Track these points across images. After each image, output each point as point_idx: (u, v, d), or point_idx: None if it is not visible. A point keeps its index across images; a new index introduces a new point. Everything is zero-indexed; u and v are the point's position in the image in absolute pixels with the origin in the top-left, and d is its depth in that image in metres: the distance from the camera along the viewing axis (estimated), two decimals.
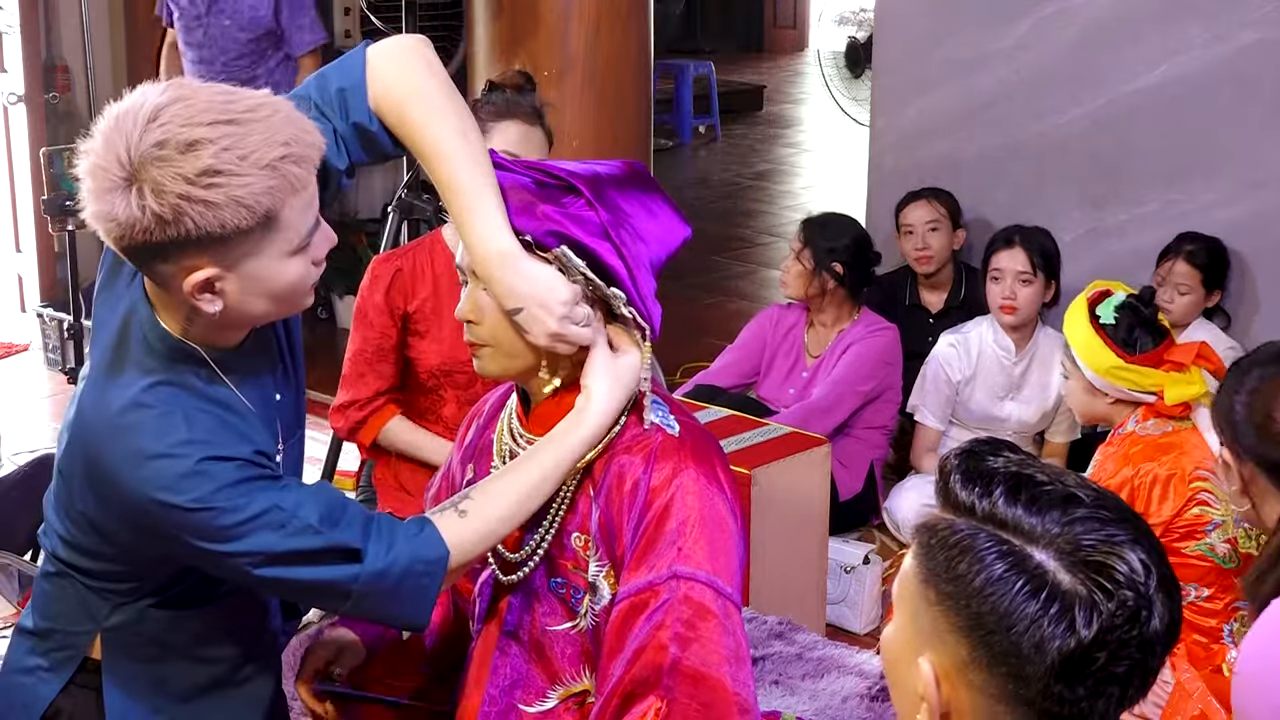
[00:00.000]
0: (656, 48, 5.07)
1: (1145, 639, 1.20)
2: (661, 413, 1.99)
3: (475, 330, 1.95)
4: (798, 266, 4.15)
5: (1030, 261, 4.02)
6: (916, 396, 4.22)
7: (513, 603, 2.06)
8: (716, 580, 1.89)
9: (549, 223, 1.88)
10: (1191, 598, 3.18)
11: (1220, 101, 4.27)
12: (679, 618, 1.86)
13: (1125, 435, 3.24)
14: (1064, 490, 1.25)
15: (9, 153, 6.01)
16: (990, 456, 1.29)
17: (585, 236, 1.88)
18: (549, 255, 1.88)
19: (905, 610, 1.30)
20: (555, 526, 1.99)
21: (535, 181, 1.91)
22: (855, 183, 6.26)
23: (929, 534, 1.28)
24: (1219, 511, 3.14)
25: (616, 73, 4.73)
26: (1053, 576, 1.20)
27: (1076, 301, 3.26)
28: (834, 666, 3.19)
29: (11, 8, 5.85)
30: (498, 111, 3.07)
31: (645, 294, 1.92)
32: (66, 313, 4.77)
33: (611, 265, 1.89)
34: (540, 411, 2.01)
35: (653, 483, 1.91)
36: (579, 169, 1.94)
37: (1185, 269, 4.13)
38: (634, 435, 1.96)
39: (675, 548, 1.88)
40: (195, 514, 1.71)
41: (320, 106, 1.88)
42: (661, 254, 1.97)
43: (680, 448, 1.94)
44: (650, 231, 1.95)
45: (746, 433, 3.55)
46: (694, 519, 1.90)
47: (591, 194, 1.90)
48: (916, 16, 4.91)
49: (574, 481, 1.97)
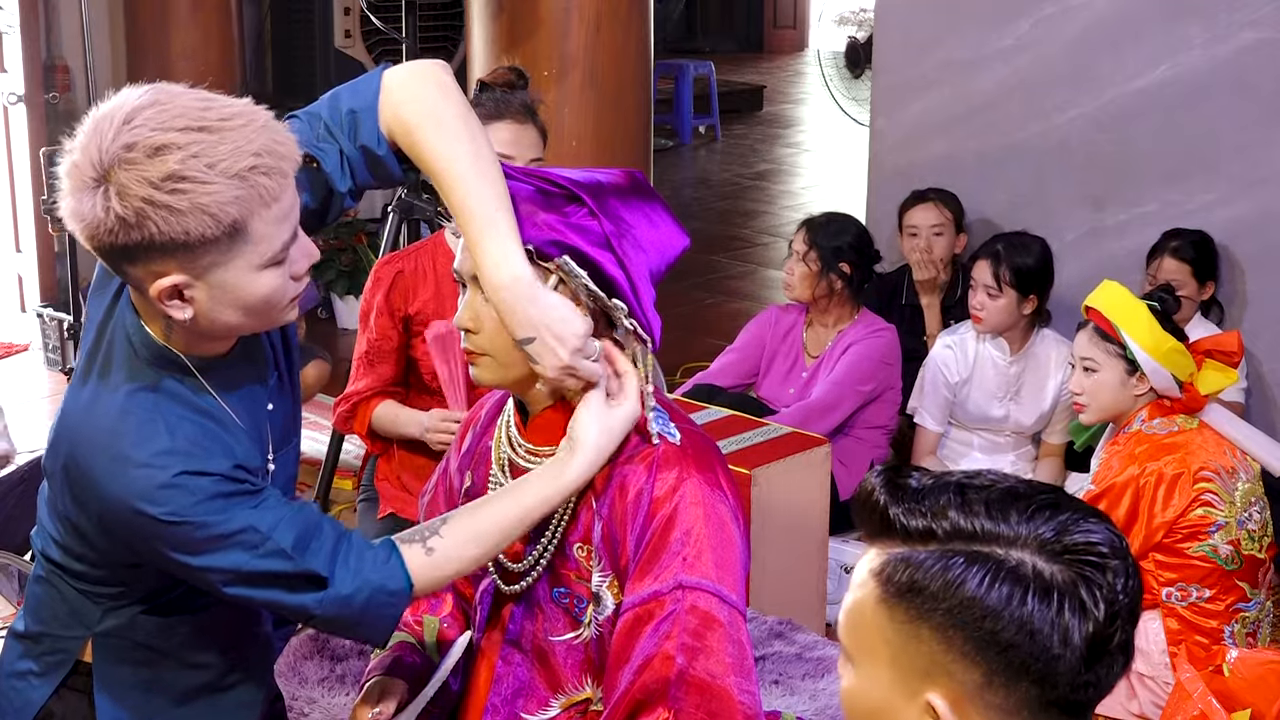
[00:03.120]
0: (656, 48, 5.07)
1: (1133, 600, 1.22)
2: (663, 421, 1.98)
3: (473, 339, 1.94)
4: (803, 268, 4.13)
5: (995, 276, 4.00)
6: (916, 399, 4.22)
7: (515, 612, 2.06)
8: (722, 589, 1.88)
9: (551, 232, 1.86)
10: (1193, 598, 3.17)
11: (1220, 101, 4.27)
12: (685, 628, 1.86)
13: (1132, 434, 3.24)
14: (1003, 487, 1.25)
15: (9, 153, 6.01)
16: (905, 479, 1.27)
17: (588, 246, 1.86)
18: (550, 265, 1.86)
19: (878, 657, 1.26)
20: (558, 538, 1.98)
21: (538, 190, 1.89)
22: (855, 183, 6.26)
23: (894, 572, 1.24)
24: (1222, 513, 3.14)
25: (616, 73, 4.73)
26: (1046, 573, 1.20)
27: (1114, 291, 3.29)
28: (834, 666, 3.18)
29: (11, 8, 5.85)
30: (488, 113, 3.05)
31: (646, 304, 1.91)
32: (66, 313, 4.78)
33: (614, 276, 1.87)
34: (538, 421, 2.00)
35: (656, 492, 1.90)
36: (581, 177, 1.92)
37: (1174, 265, 4.13)
38: (636, 444, 1.95)
39: (680, 557, 1.87)
40: (171, 526, 1.71)
41: (330, 126, 1.86)
42: (661, 264, 1.95)
43: (683, 456, 1.93)
44: (652, 241, 1.93)
45: (746, 433, 3.55)
46: (699, 528, 1.89)
47: (595, 203, 1.88)
48: (916, 16, 4.91)
49: (576, 494, 1.96)
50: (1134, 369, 3.23)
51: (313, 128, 1.83)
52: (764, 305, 5.76)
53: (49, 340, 5.64)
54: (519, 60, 4.27)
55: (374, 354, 3.24)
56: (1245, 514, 3.16)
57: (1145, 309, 3.24)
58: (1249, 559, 3.18)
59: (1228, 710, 2.85)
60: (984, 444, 4.24)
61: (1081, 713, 1.24)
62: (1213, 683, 2.93)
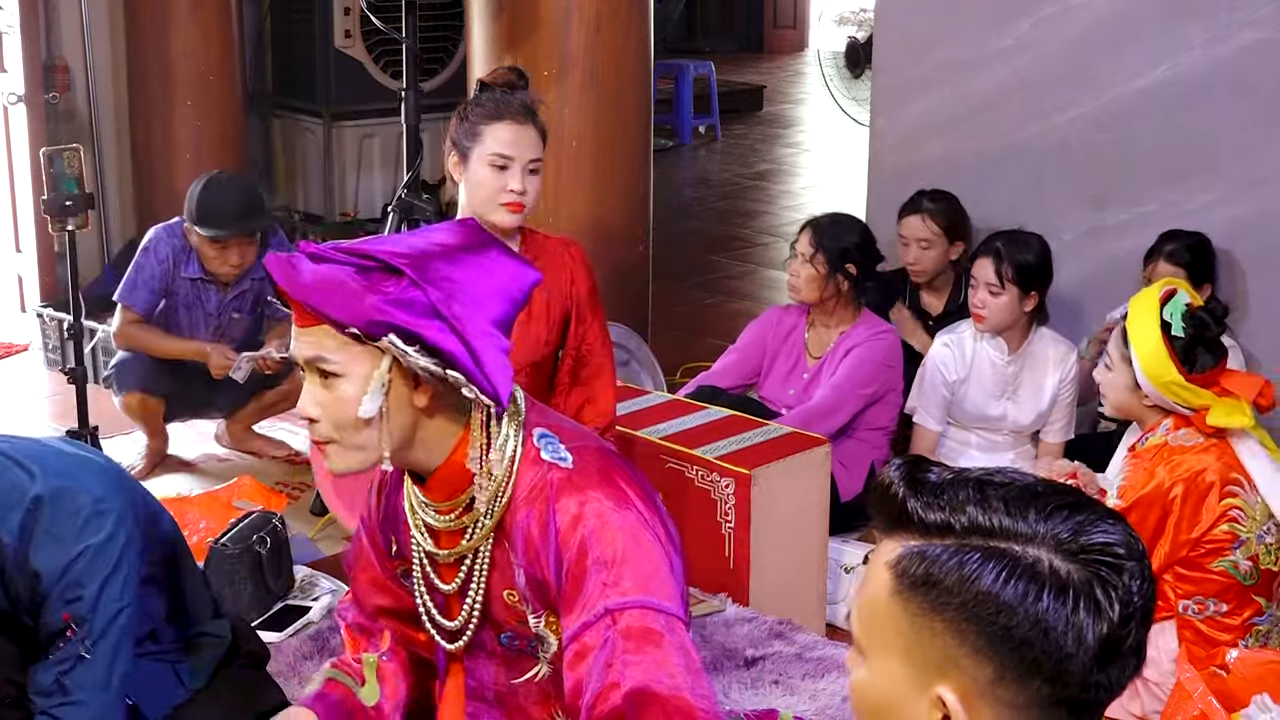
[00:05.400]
0: (656, 48, 5.07)
1: (1147, 603, 1.22)
2: (552, 448, 1.96)
3: (316, 428, 1.92)
4: (810, 270, 4.10)
5: (998, 273, 3.99)
6: (915, 398, 4.21)
7: (470, 665, 2.07)
8: (650, 599, 1.87)
9: (373, 312, 1.83)
10: (1210, 612, 3.15)
11: (1220, 101, 4.27)
12: (624, 651, 1.85)
13: (1158, 446, 3.17)
14: (1022, 485, 1.25)
15: (9, 153, 6.00)
16: (924, 472, 1.27)
17: (412, 320, 1.83)
18: (380, 344, 1.84)
19: (891, 650, 1.26)
20: (483, 590, 1.99)
21: (357, 269, 1.85)
22: (855, 183, 6.26)
23: (910, 565, 1.24)
24: (1245, 528, 3.10)
25: (616, 73, 4.72)
26: (1062, 571, 1.20)
27: (1146, 299, 3.19)
28: (834, 666, 3.18)
29: (11, 8, 5.85)
30: (487, 113, 3.05)
31: (488, 366, 1.86)
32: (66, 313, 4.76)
33: (445, 346, 1.84)
34: (433, 483, 1.99)
35: (559, 524, 1.90)
36: (401, 248, 1.89)
37: (1169, 269, 4.12)
38: (529, 482, 1.94)
39: (600, 582, 1.87)
40: None
41: None
42: (509, 309, 1.93)
43: (578, 478, 1.92)
44: (489, 291, 1.90)
45: (746, 433, 3.55)
46: (611, 547, 1.88)
47: (414, 273, 1.85)
48: (916, 16, 4.91)
49: (488, 541, 1.96)
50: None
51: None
52: (764, 305, 5.76)
53: (49, 340, 5.64)
54: (519, 60, 4.28)
55: None
56: (1264, 528, 3.12)
57: (1159, 336, 3.11)
58: (1265, 573, 3.15)
59: (1228, 710, 2.85)
60: (982, 443, 4.24)
61: (1091, 713, 1.24)
62: (1213, 683, 2.93)
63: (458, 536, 1.99)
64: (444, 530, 2.01)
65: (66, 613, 2.27)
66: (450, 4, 6.49)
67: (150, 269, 4.46)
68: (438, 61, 6.73)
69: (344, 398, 1.87)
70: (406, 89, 4.22)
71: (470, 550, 1.99)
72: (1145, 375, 3.13)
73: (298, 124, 6.85)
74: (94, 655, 2.28)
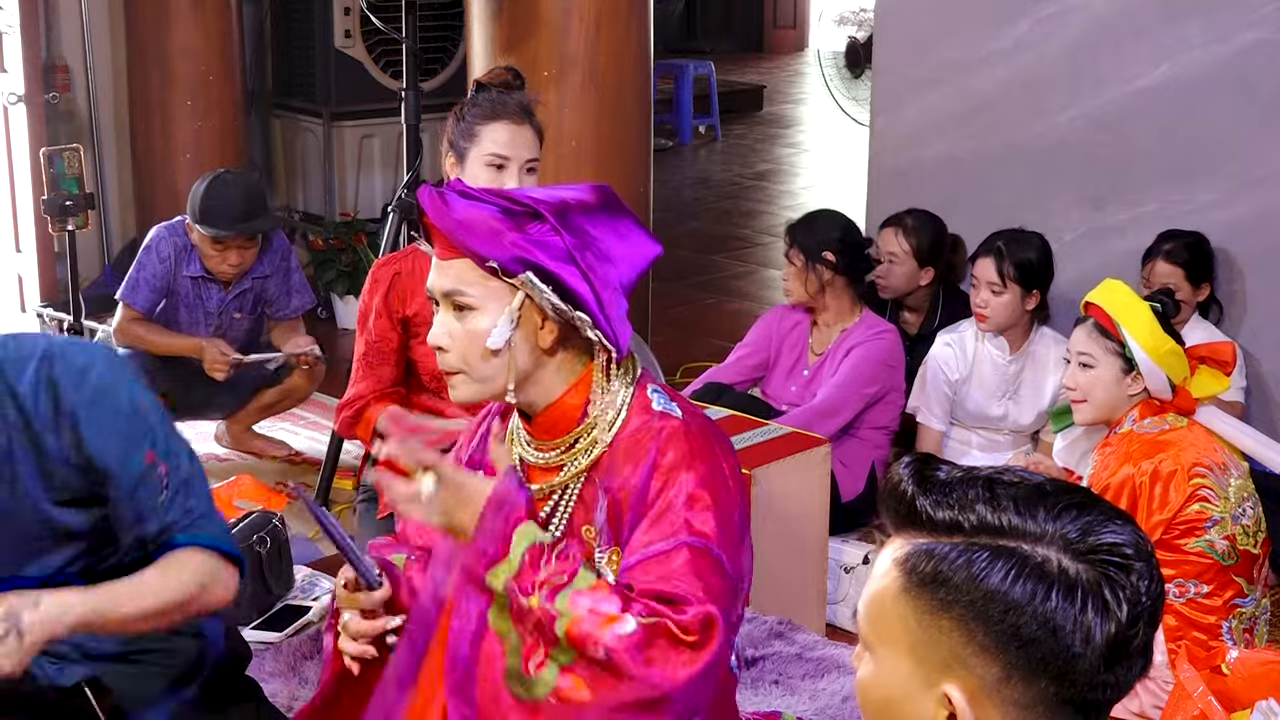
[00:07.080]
0: (656, 48, 5.07)
1: (1155, 604, 1.23)
2: (664, 401, 2.06)
3: (445, 358, 2.03)
4: (791, 268, 4.15)
5: (999, 272, 4.01)
6: (917, 398, 4.21)
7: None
8: (723, 555, 1.96)
9: (515, 249, 1.95)
10: (1191, 594, 3.18)
11: (1220, 101, 4.27)
12: (685, 564, 1.94)
13: (1124, 435, 3.26)
14: (1031, 484, 1.25)
15: (9, 153, 6.00)
16: (934, 470, 1.28)
17: (550, 261, 1.95)
18: (516, 280, 1.96)
19: (898, 647, 1.26)
20: (564, 524, 2.07)
21: (501, 210, 1.98)
22: (855, 183, 6.26)
23: (919, 563, 1.24)
24: (1218, 508, 3.15)
25: (616, 73, 4.72)
26: (1070, 571, 1.20)
27: (1117, 290, 3.31)
28: (834, 666, 3.18)
29: (11, 8, 5.85)
30: (484, 114, 3.05)
31: (612, 315, 1.99)
32: (66, 313, 4.77)
33: (576, 289, 1.96)
34: (543, 418, 2.08)
35: (660, 463, 1.98)
36: (544, 195, 2.01)
37: (1167, 269, 4.13)
38: (635, 426, 2.03)
39: (684, 519, 1.96)
40: None
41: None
42: (631, 274, 2.04)
43: (686, 430, 2.01)
44: (619, 253, 2.02)
45: (747, 432, 3.55)
46: (704, 496, 1.97)
47: (556, 219, 1.97)
48: (916, 16, 4.91)
49: (579, 479, 2.05)
50: (1130, 368, 3.24)
51: None
52: (764, 305, 5.77)
53: None
54: (519, 60, 4.27)
55: (373, 356, 3.24)
56: (1239, 509, 3.18)
57: (1148, 309, 3.25)
58: (1244, 554, 3.19)
59: (1228, 710, 2.85)
60: (983, 442, 4.24)
61: (1098, 712, 1.24)
62: (1213, 682, 2.93)
63: (553, 473, 2.09)
64: (539, 467, 2.10)
65: (150, 451, 2.24)
66: (450, 4, 6.49)
67: (152, 267, 4.47)
68: (438, 61, 6.73)
69: (476, 330, 1.99)
70: (406, 89, 4.22)
71: (561, 486, 2.08)
72: (1146, 352, 3.20)
73: (298, 124, 6.85)
74: (195, 481, 2.28)
